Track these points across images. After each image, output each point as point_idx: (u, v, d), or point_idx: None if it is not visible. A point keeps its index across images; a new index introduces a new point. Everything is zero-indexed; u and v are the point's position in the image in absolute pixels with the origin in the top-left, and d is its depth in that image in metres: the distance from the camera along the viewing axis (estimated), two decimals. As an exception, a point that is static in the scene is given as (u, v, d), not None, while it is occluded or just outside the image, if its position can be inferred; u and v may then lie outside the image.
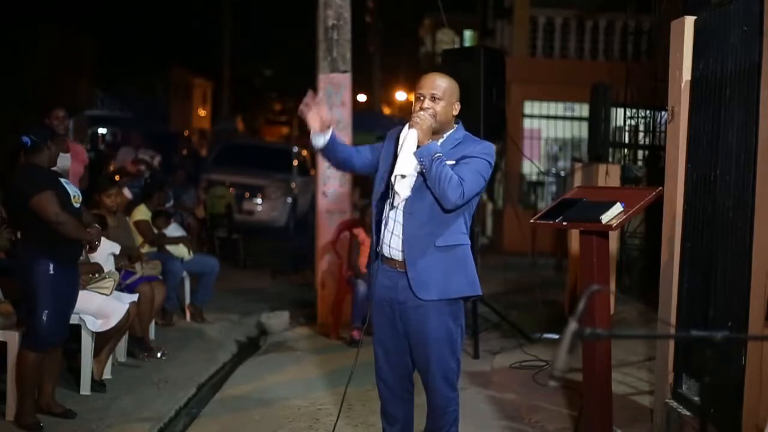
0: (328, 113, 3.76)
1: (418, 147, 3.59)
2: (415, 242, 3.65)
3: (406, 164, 3.61)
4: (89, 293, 5.38)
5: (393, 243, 3.71)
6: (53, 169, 4.96)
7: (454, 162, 3.61)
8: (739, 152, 4.16)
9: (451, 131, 3.74)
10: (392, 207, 3.72)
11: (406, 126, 3.68)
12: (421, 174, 3.62)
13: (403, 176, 3.62)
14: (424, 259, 3.64)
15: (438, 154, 3.56)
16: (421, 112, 3.63)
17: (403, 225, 3.67)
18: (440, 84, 3.68)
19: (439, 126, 3.68)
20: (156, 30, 28.29)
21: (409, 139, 3.62)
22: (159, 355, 6.45)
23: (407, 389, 3.89)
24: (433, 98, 3.66)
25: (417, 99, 3.69)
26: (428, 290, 3.65)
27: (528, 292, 9.22)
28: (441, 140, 3.71)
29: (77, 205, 4.88)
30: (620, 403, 5.13)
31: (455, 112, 3.73)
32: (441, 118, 3.67)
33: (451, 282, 3.67)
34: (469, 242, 3.75)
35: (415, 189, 3.66)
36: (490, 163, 3.68)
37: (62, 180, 4.90)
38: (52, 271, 4.68)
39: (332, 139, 3.78)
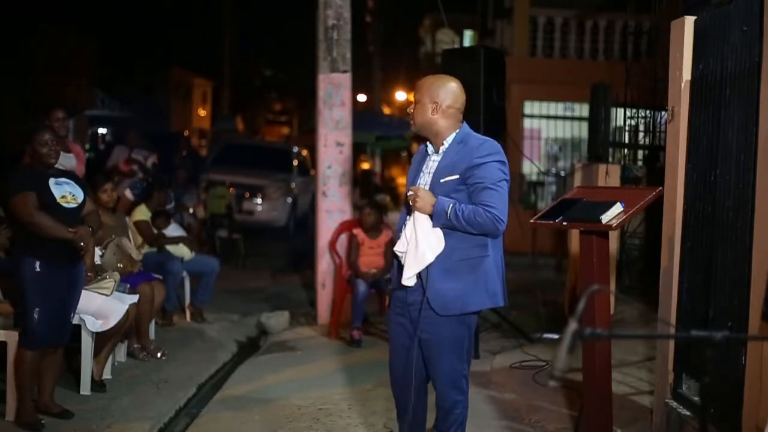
0: None
1: (431, 217, 3.56)
2: (435, 259, 3.61)
3: (429, 247, 3.57)
4: (89, 293, 5.38)
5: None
6: (61, 167, 4.90)
7: (457, 176, 3.56)
8: (739, 152, 4.16)
9: (453, 135, 3.67)
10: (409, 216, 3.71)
11: (412, 214, 3.65)
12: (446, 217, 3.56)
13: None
14: (443, 275, 3.60)
15: (449, 207, 3.52)
16: (411, 193, 3.61)
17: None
18: (418, 86, 3.72)
19: (419, 128, 3.68)
20: (156, 30, 28.29)
21: (419, 222, 3.59)
22: (159, 355, 6.45)
23: (414, 383, 3.77)
24: (412, 103, 3.69)
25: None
26: (447, 307, 3.62)
27: (528, 292, 9.21)
28: (443, 147, 3.67)
29: (70, 205, 4.77)
30: (620, 403, 5.12)
31: (436, 112, 3.65)
32: (417, 120, 3.67)
33: (470, 296, 3.63)
34: (490, 253, 3.64)
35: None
36: (501, 161, 3.61)
37: (56, 179, 4.77)
38: (38, 269, 4.66)
39: None
